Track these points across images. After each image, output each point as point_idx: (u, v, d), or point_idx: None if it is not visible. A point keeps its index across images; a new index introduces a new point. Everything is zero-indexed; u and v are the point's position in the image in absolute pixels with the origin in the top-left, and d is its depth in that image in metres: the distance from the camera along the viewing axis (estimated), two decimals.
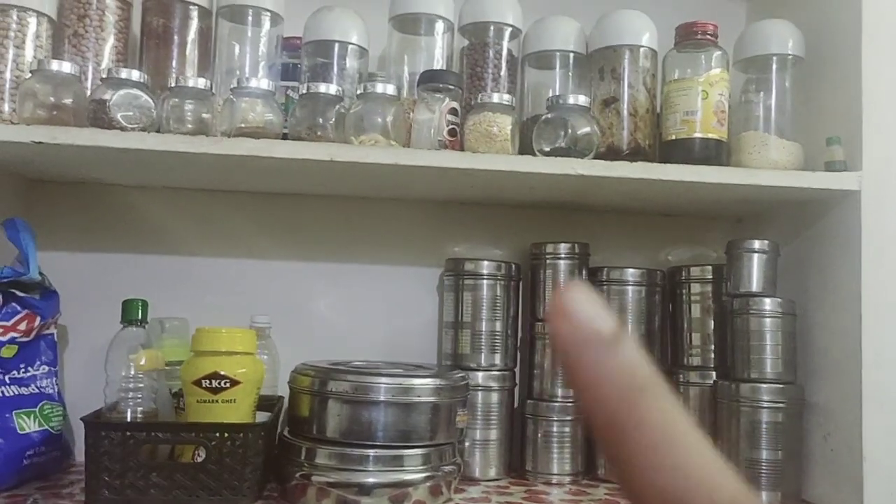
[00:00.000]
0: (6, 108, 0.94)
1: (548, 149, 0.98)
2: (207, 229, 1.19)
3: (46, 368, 0.99)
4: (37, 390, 0.97)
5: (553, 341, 0.20)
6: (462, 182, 1.01)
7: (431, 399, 0.94)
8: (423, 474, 0.92)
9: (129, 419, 0.92)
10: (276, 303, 1.17)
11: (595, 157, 0.97)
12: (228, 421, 0.90)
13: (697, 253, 1.27)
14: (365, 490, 0.89)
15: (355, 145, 0.93)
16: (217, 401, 0.91)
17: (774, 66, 1.05)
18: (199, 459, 0.89)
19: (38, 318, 0.96)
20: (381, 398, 0.92)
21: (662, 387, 0.18)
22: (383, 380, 0.93)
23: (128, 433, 0.87)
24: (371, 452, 0.91)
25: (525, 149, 1.00)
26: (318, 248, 1.21)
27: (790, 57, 1.05)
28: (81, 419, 0.89)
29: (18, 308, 0.94)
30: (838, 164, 0.97)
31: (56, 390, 1.00)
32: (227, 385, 0.91)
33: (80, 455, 1.00)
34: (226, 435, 0.89)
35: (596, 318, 0.19)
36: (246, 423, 0.91)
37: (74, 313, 1.10)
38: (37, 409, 0.96)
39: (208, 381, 0.90)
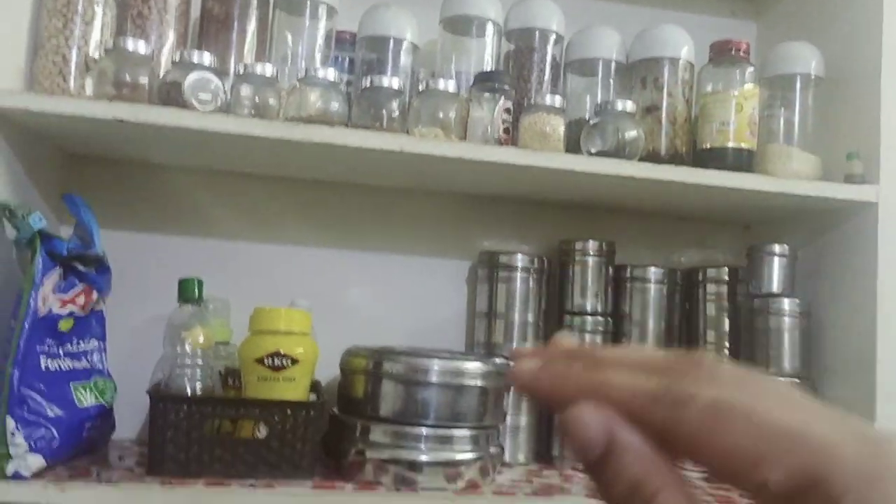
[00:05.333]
0: (72, 83, 0.95)
1: (594, 151, 1.04)
2: (246, 213, 1.21)
3: (96, 343, 1.00)
4: (88, 365, 0.98)
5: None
6: (511, 177, 1.06)
7: (482, 382, 0.98)
8: (473, 454, 0.97)
9: (190, 394, 0.94)
10: (311, 288, 1.19)
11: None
12: (287, 398, 0.93)
13: (706, 256, 1.35)
14: (418, 467, 0.93)
15: (417, 137, 0.97)
16: (278, 378, 0.93)
17: (798, 85, 1.13)
18: (260, 435, 0.92)
19: (95, 293, 0.97)
20: (435, 380, 0.96)
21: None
22: (436, 362, 0.97)
23: (194, 407, 0.90)
24: (424, 431, 0.95)
25: (569, 149, 1.05)
26: (353, 236, 1.24)
27: (813, 77, 1.13)
28: (147, 392, 0.90)
29: (77, 281, 0.95)
30: (857, 177, 1.06)
31: (104, 366, 1.01)
32: (288, 364, 0.93)
33: (120, 430, 1.03)
34: (289, 412, 0.91)
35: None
36: (308, 401, 0.94)
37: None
38: (91, 383, 0.97)
39: (270, 360, 0.93)
